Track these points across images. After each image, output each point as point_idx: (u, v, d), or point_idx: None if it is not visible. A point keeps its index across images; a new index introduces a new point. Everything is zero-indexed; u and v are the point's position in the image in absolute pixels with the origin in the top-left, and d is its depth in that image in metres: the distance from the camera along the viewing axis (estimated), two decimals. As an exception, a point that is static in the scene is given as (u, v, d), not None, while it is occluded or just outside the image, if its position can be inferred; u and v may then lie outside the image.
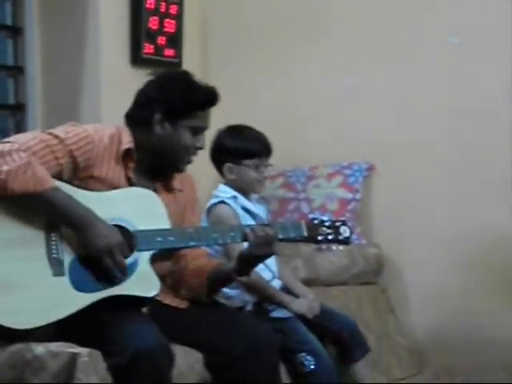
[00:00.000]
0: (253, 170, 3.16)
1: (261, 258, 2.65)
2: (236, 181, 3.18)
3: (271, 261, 3.17)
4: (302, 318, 3.07)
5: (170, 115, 2.62)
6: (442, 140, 3.92)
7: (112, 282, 2.45)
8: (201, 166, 2.91)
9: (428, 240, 3.96)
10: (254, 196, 3.29)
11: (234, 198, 3.15)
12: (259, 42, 4.33)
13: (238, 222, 3.05)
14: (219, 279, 2.70)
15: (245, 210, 3.15)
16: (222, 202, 3.13)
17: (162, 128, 2.63)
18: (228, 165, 3.18)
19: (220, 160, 3.20)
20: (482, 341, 3.81)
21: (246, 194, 3.20)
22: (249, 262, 2.64)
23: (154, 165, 2.67)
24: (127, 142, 2.61)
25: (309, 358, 2.96)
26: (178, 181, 2.74)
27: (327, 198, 4.04)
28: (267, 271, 3.13)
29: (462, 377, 3.83)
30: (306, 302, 3.11)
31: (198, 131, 2.66)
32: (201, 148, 2.69)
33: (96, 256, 2.43)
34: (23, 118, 4.06)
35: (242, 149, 3.17)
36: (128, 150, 2.60)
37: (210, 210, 3.15)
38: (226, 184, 3.20)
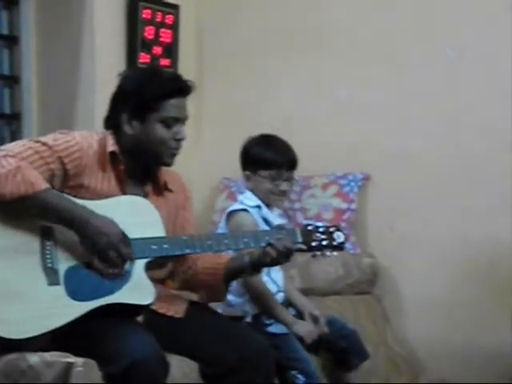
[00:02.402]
0: (268, 182, 3.09)
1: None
2: (253, 189, 3.14)
3: (277, 275, 3.16)
4: (300, 339, 3.06)
5: (135, 112, 2.58)
6: (436, 150, 3.92)
7: (114, 281, 2.45)
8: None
9: (423, 250, 3.96)
10: (278, 210, 3.27)
11: (258, 207, 3.11)
12: (254, 53, 4.34)
13: None
14: (234, 276, 2.75)
15: (265, 222, 3.10)
16: (245, 209, 3.09)
17: (130, 127, 2.60)
18: (246, 173, 3.14)
19: (242, 166, 3.17)
20: (477, 350, 3.82)
21: (267, 204, 3.15)
22: (264, 266, 2.72)
23: (140, 165, 2.64)
24: (111, 144, 2.59)
25: (300, 376, 2.95)
26: (167, 181, 2.72)
27: (322, 208, 4.04)
28: (272, 284, 3.12)
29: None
30: (308, 327, 3.09)
31: (170, 123, 2.59)
32: (181, 139, 2.62)
33: (99, 252, 2.42)
34: (19, 127, 4.06)
35: (260, 158, 3.11)
36: (113, 154, 2.59)
37: (230, 214, 3.10)
38: (251, 191, 3.15)
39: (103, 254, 2.43)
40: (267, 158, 3.10)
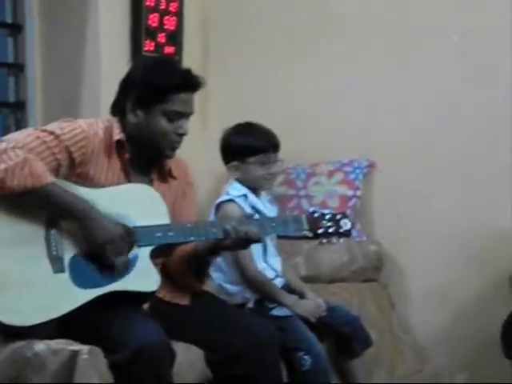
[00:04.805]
0: (258, 167, 3.12)
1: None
2: (243, 179, 3.15)
3: (275, 260, 3.17)
4: (304, 319, 3.07)
5: (141, 101, 2.58)
6: (442, 137, 3.91)
7: (114, 273, 2.45)
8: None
9: (428, 237, 3.96)
10: (266, 196, 3.28)
11: (245, 196, 3.12)
12: (260, 40, 4.32)
13: None
14: (200, 262, 2.69)
15: (254, 209, 3.11)
16: (232, 200, 3.10)
17: (135, 116, 2.59)
18: (233, 163, 3.14)
19: (226, 158, 3.17)
20: (482, 337, 3.81)
21: (255, 191, 3.17)
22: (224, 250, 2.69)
23: (145, 154, 2.64)
24: (117, 133, 2.60)
25: (306, 357, 2.96)
26: (172, 168, 2.72)
27: (328, 195, 4.04)
28: (270, 270, 3.13)
29: (463, 374, 3.84)
30: (310, 305, 3.10)
31: (174, 116, 2.59)
32: (183, 134, 2.62)
33: (98, 247, 2.44)
34: (23, 116, 4.05)
35: (245, 146, 3.13)
36: (119, 142, 2.59)
37: (218, 206, 3.12)
38: (237, 180, 3.16)
39: (102, 248, 2.44)
40: (252, 144, 3.13)
